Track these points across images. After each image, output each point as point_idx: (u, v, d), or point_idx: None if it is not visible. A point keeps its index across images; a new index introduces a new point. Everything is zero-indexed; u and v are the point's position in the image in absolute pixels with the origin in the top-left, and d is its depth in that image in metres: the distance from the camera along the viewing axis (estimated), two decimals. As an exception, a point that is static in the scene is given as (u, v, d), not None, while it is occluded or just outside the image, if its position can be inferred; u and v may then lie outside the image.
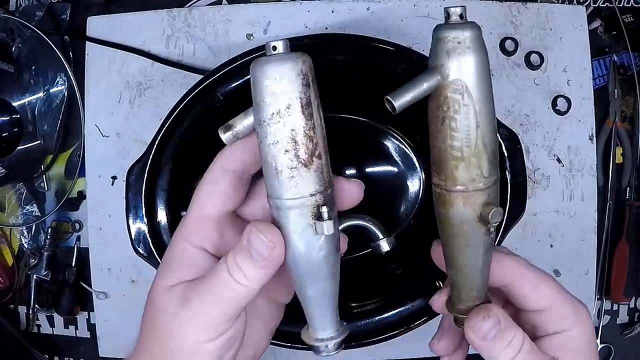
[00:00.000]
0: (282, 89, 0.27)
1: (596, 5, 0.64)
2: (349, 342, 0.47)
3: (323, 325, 0.32)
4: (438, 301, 0.38)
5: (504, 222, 0.47)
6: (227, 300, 0.30)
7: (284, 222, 0.29)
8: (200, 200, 0.33)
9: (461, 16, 0.28)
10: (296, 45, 0.47)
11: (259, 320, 0.36)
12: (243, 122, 0.30)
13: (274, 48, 0.27)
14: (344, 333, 0.32)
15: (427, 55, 0.28)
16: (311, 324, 0.32)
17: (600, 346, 0.63)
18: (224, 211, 0.32)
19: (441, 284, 0.46)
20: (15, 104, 0.62)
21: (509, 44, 0.60)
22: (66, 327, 0.64)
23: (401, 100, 0.28)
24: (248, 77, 0.48)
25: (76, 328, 0.64)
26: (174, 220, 0.50)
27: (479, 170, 0.29)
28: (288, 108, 0.27)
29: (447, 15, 0.28)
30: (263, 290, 0.31)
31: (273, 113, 0.27)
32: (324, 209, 0.29)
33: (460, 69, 0.27)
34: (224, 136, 0.31)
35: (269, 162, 0.29)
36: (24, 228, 0.64)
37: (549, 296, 0.34)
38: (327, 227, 0.28)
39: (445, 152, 0.29)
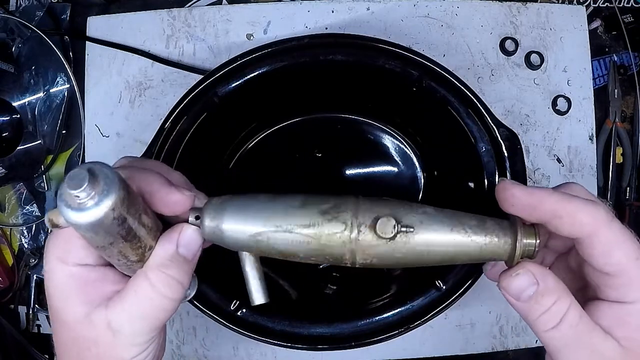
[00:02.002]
0: (101, 237, 0.27)
1: (596, 5, 0.64)
2: (349, 342, 0.47)
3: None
4: (491, 272, 0.37)
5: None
6: (161, 317, 0.30)
7: None
8: None
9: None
10: (296, 44, 0.48)
11: None
12: None
13: (77, 197, 0.24)
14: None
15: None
16: None
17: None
18: None
19: (441, 284, 0.46)
20: (15, 104, 0.62)
21: (509, 44, 0.60)
22: (66, 327, 0.64)
23: (260, 297, 0.33)
24: (248, 77, 0.48)
25: (76, 328, 0.64)
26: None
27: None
28: (111, 244, 0.28)
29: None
30: None
31: (97, 247, 0.28)
32: None
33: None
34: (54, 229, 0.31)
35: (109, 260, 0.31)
36: (24, 228, 0.64)
37: (619, 263, 0.29)
38: None
39: None
